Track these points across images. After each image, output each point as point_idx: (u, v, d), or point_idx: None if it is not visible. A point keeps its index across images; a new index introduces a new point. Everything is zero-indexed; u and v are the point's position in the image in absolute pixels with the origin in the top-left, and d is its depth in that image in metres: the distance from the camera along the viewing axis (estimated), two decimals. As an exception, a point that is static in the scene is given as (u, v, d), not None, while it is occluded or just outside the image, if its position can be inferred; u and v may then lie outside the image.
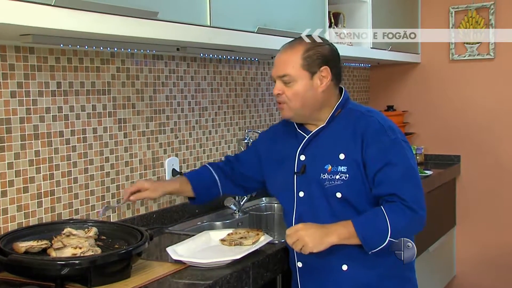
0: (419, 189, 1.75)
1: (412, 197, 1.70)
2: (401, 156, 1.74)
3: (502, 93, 3.75)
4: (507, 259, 3.79)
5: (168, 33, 1.82)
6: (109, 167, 2.13)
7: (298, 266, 1.86)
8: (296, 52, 1.78)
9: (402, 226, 1.69)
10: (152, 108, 2.32)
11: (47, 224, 1.82)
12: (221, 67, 2.70)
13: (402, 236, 1.71)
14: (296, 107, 1.79)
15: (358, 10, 3.21)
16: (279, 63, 1.81)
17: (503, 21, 3.69)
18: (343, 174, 1.75)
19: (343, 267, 1.77)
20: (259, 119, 2.98)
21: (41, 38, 1.65)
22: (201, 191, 2.04)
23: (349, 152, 1.75)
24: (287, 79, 1.78)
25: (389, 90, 4.17)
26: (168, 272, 1.66)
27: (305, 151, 1.84)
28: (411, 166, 1.75)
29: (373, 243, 1.68)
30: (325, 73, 1.78)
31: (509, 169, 3.76)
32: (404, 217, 1.68)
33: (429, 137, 4.03)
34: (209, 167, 2.09)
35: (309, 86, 1.78)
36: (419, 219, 1.72)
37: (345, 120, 1.82)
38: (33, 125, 1.86)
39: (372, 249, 1.69)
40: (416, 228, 1.77)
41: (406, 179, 1.72)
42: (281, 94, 1.80)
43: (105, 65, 2.11)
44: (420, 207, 1.71)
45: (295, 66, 1.77)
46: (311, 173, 1.81)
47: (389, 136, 1.75)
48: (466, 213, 3.92)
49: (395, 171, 1.72)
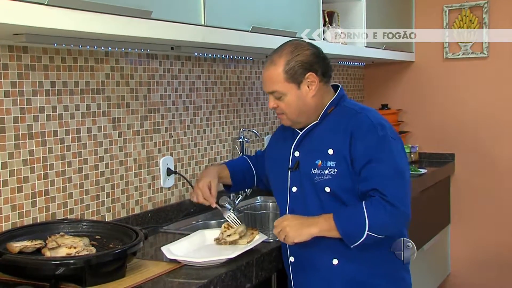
0: (402, 186, 1.74)
1: (393, 193, 1.70)
2: (387, 153, 1.74)
3: (496, 91, 3.77)
4: (501, 257, 3.80)
5: (162, 32, 1.82)
6: (104, 167, 2.13)
7: (290, 261, 1.88)
8: (277, 68, 1.79)
9: (381, 220, 1.70)
10: (147, 107, 2.31)
11: (41, 224, 1.82)
12: (215, 66, 2.70)
13: (382, 231, 1.72)
14: (293, 116, 1.84)
15: (352, 9, 3.21)
16: (265, 80, 1.84)
17: (497, 20, 3.70)
18: (331, 169, 1.77)
19: (334, 261, 1.79)
20: (253, 118, 2.98)
21: (34, 37, 1.64)
22: (237, 180, 2.13)
23: (338, 147, 1.77)
24: (277, 95, 1.82)
25: (384, 89, 4.18)
26: (163, 271, 1.66)
27: (299, 147, 1.87)
28: (396, 163, 1.74)
29: (352, 236, 1.70)
30: (311, 79, 1.80)
31: (503, 167, 3.78)
32: (383, 211, 1.69)
33: (424, 135, 4.04)
34: (247, 158, 2.19)
35: (299, 96, 1.81)
36: (400, 215, 1.71)
37: (338, 117, 1.83)
38: (27, 124, 1.86)
39: (352, 242, 1.71)
40: (397, 223, 1.77)
41: (389, 176, 1.72)
42: (276, 107, 1.85)
43: (99, 65, 2.11)
44: (401, 203, 1.70)
45: (280, 81, 1.79)
46: (303, 168, 1.83)
47: (377, 133, 1.76)
48: (461, 211, 3.93)
49: (379, 167, 1.72)
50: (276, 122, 3.17)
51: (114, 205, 2.17)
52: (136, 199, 2.27)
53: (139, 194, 2.28)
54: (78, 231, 1.79)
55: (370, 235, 1.69)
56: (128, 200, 2.23)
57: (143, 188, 2.30)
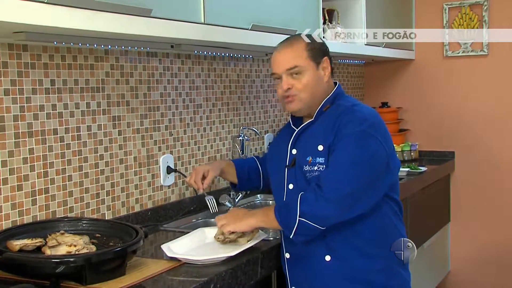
0: (350, 175, 1.69)
1: (331, 180, 1.68)
2: (351, 146, 1.72)
3: (496, 89, 3.77)
4: (501, 255, 3.81)
5: (162, 31, 1.82)
6: (104, 165, 2.13)
7: (286, 257, 1.88)
8: (299, 45, 1.84)
9: (311, 206, 1.67)
10: (147, 105, 2.31)
11: (41, 222, 1.82)
12: (215, 64, 2.70)
13: (315, 218, 1.67)
14: (306, 99, 1.83)
15: (352, 7, 3.21)
16: (284, 58, 1.83)
17: (497, 18, 3.70)
18: (320, 165, 1.77)
19: (326, 257, 1.79)
20: (253, 116, 2.98)
21: (34, 35, 1.64)
22: (243, 178, 2.16)
23: (327, 143, 1.77)
24: (297, 70, 1.81)
25: (384, 87, 4.18)
26: (163, 269, 1.66)
27: (295, 144, 1.88)
28: (356, 155, 1.70)
29: (286, 222, 1.70)
30: (325, 64, 1.87)
31: (503, 165, 3.78)
32: (314, 197, 1.67)
33: (424, 133, 4.04)
34: (255, 158, 2.21)
35: (317, 76, 1.84)
36: (332, 201, 1.66)
37: (331, 115, 1.84)
38: (27, 123, 1.85)
39: (289, 230, 1.70)
40: (330, 211, 1.68)
41: (339, 165, 1.70)
42: (290, 88, 1.83)
43: (99, 63, 2.11)
44: (336, 190, 1.67)
45: (302, 57, 1.82)
46: (298, 165, 1.84)
47: (355, 127, 1.73)
48: (460, 209, 3.94)
49: (334, 159, 1.72)
50: (276, 120, 3.17)
51: (114, 203, 2.17)
52: (136, 197, 2.27)
53: (139, 192, 2.28)
54: (78, 229, 1.79)
55: (302, 221, 1.67)
56: (128, 198, 2.23)
57: (143, 186, 2.30)
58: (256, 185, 2.21)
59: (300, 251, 1.83)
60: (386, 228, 1.83)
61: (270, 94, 3.11)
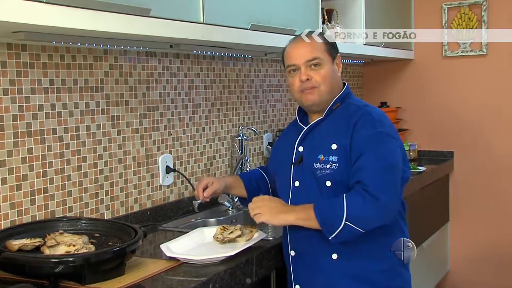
0: (389, 179, 1.70)
1: (376, 184, 1.67)
2: (380, 148, 1.73)
3: (495, 89, 3.77)
4: (500, 254, 3.81)
5: (161, 30, 1.82)
6: (103, 165, 2.13)
7: (291, 255, 1.88)
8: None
9: (360, 210, 1.65)
10: (146, 105, 2.31)
11: (40, 222, 1.82)
12: (214, 64, 2.70)
13: (361, 222, 1.66)
14: (325, 91, 1.84)
15: (351, 7, 3.21)
16: (304, 49, 1.84)
17: (496, 18, 3.70)
18: (333, 163, 1.77)
19: (333, 256, 1.78)
20: (252, 116, 2.98)
21: (33, 35, 1.64)
22: (251, 189, 2.09)
23: (341, 142, 1.77)
24: (317, 62, 1.83)
25: (383, 87, 4.18)
26: (162, 269, 1.66)
27: (303, 142, 1.88)
28: (388, 159, 1.72)
29: (329, 225, 1.66)
30: (338, 60, 1.91)
31: (502, 165, 3.78)
32: (362, 201, 1.65)
33: (423, 133, 4.04)
34: (259, 169, 2.17)
35: (333, 70, 1.87)
36: (381, 206, 1.66)
37: (343, 113, 1.85)
38: (26, 122, 1.85)
39: (330, 232, 1.66)
40: (378, 215, 1.69)
41: (377, 169, 1.69)
42: (310, 79, 1.83)
43: (98, 62, 2.10)
44: (384, 194, 1.66)
45: (322, 50, 1.85)
46: (306, 163, 1.83)
47: (375, 128, 1.75)
48: (460, 209, 3.94)
49: (368, 161, 1.71)
50: (275, 120, 3.17)
51: (113, 203, 2.17)
52: (135, 197, 2.27)
53: (138, 192, 2.28)
54: (77, 229, 1.79)
55: (348, 225, 1.65)
56: (127, 198, 2.23)
57: (142, 186, 2.30)
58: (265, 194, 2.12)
59: (306, 249, 1.82)
60: (393, 229, 1.82)
61: (269, 94, 3.11)
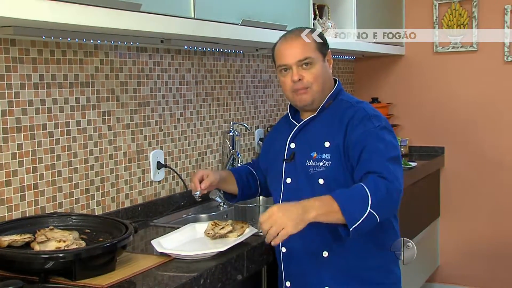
0: (396, 170, 1.69)
1: (388, 171, 1.65)
2: (382, 141, 1.74)
3: (485, 84, 3.79)
4: (490, 249, 3.83)
5: (151, 25, 1.81)
6: (93, 160, 2.12)
7: (282, 252, 1.88)
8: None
9: (381, 195, 1.60)
10: (137, 100, 2.30)
11: (30, 218, 1.81)
12: (205, 59, 2.69)
13: (381, 209, 1.60)
14: (317, 90, 1.82)
15: (342, 2, 3.21)
16: (295, 49, 1.81)
17: (486, 14, 3.72)
18: (326, 161, 1.77)
19: (324, 253, 1.79)
20: (244, 112, 2.98)
21: (22, 30, 1.63)
22: (242, 185, 2.06)
23: (334, 139, 1.77)
24: (308, 61, 1.80)
25: (374, 82, 4.19)
26: (153, 264, 1.66)
27: (295, 139, 1.88)
28: (392, 151, 1.73)
29: (354, 214, 1.57)
30: (329, 56, 1.88)
31: (492, 160, 3.80)
32: (383, 186, 1.61)
33: (414, 129, 4.06)
34: (247, 165, 2.15)
35: (324, 68, 1.85)
36: (395, 190, 1.65)
37: (335, 110, 1.84)
38: (16, 118, 1.84)
39: (353, 222, 1.57)
40: (393, 199, 1.66)
41: (384, 160, 1.68)
42: (301, 79, 1.81)
43: (88, 58, 2.09)
44: (395, 179, 1.65)
45: (313, 48, 1.82)
46: (299, 160, 1.83)
47: (373, 123, 1.76)
48: (450, 204, 3.96)
49: (374, 153, 1.70)
50: (266, 115, 3.17)
51: (104, 199, 2.16)
52: (126, 193, 2.26)
53: (129, 187, 2.28)
54: (68, 224, 1.79)
55: (371, 214, 1.58)
56: (118, 194, 2.22)
57: (133, 181, 2.29)
58: (254, 192, 2.12)
59: (297, 246, 1.82)
60: (384, 225, 1.81)
61: (260, 89, 3.11)
